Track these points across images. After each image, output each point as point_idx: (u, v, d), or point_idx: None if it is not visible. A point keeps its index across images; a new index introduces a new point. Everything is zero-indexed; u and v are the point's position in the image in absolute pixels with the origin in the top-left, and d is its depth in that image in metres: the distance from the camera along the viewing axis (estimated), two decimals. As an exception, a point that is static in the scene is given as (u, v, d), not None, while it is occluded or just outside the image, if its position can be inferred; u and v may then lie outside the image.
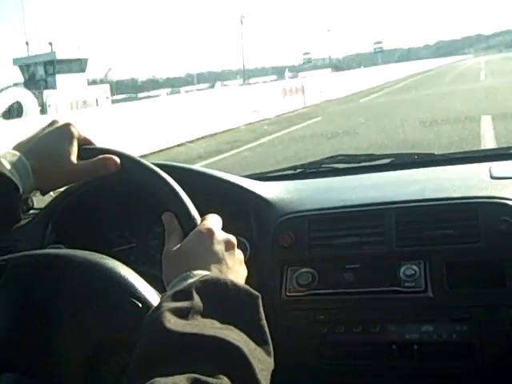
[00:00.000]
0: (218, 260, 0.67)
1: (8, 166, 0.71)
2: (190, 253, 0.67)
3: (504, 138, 6.88)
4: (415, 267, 1.20)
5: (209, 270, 0.65)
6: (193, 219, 0.72)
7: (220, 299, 0.58)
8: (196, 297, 0.57)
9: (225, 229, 0.72)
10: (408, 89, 21.15)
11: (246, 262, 0.72)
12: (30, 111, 22.04)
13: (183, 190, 0.75)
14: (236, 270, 0.69)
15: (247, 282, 0.70)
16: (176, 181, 0.76)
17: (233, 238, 0.71)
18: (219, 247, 0.68)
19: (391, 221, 1.25)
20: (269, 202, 1.36)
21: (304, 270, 1.27)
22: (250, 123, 13.58)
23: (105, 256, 0.68)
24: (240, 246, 0.72)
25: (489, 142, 6.83)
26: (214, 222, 0.72)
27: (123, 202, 1.42)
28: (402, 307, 1.21)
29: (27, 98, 23.56)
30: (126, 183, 1.12)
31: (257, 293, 0.60)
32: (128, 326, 0.61)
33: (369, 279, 1.23)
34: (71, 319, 0.62)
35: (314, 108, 16.57)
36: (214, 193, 1.32)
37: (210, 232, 0.69)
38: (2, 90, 25.12)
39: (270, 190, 1.40)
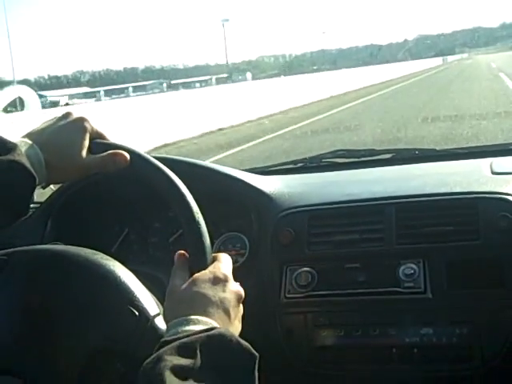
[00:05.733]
0: (225, 310, 0.67)
1: (24, 156, 0.70)
2: (198, 295, 0.67)
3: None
4: (414, 266, 1.20)
5: (213, 318, 0.65)
6: (206, 259, 0.71)
7: (222, 358, 0.59)
8: (199, 355, 0.57)
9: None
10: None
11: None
12: (31, 106, 23.06)
13: (184, 184, 0.74)
14: (235, 324, 0.69)
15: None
16: (177, 174, 0.75)
17: (242, 292, 0.71)
18: (230, 297, 0.68)
19: (391, 217, 1.24)
20: (269, 197, 1.36)
21: (303, 269, 1.26)
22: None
23: (106, 256, 0.67)
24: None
25: None
26: (227, 265, 0.72)
27: (123, 196, 1.41)
28: (401, 309, 1.20)
29: (28, 95, 25.15)
30: (127, 177, 1.12)
31: (256, 353, 0.60)
32: (124, 335, 0.60)
33: (368, 279, 1.22)
34: (69, 323, 0.61)
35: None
36: (215, 187, 1.32)
37: (226, 279, 0.69)
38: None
39: (270, 185, 1.40)
